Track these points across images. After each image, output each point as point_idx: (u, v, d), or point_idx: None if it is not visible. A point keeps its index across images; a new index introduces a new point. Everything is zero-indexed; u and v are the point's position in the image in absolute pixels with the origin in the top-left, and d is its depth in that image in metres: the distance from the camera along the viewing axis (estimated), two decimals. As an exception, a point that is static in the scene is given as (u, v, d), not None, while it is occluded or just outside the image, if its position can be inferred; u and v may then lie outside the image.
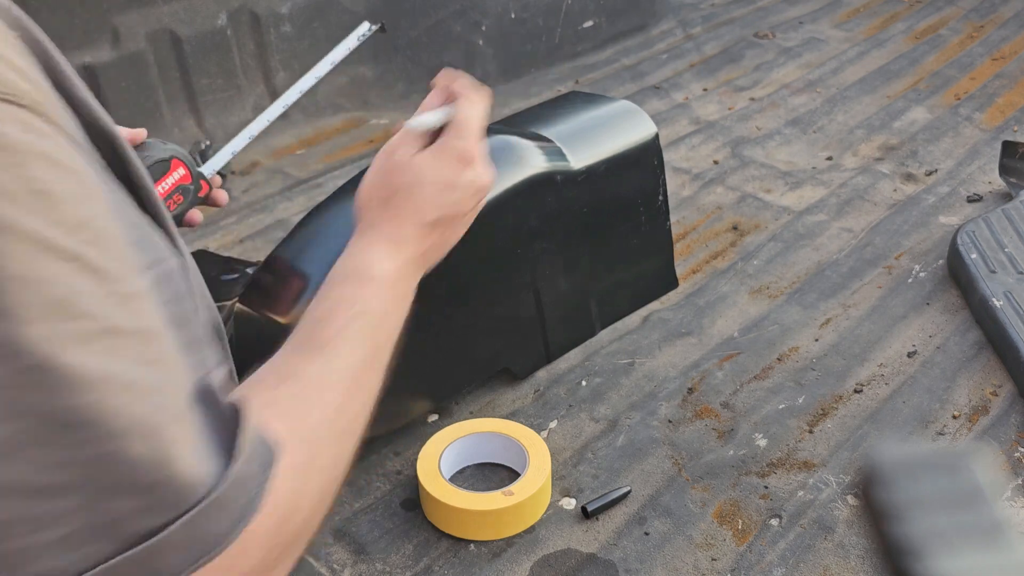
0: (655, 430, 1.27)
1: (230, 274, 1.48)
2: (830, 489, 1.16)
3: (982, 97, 2.27)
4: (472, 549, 1.10)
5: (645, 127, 1.46)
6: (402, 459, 1.24)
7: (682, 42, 2.75)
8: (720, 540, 1.10)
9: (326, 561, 1.08)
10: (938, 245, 1.65)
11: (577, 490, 1.18)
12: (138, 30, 2.02)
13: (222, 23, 2.14)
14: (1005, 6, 2.90)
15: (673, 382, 1.36)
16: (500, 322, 1.31)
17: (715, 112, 2.28)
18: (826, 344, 1.42)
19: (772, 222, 1.77)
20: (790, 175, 1.95)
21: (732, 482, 1.18)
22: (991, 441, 1.22)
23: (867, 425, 1.26)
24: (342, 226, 1.21)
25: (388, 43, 2.38)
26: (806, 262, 1.64)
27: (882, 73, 2.46)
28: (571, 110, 1.47)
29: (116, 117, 2.02)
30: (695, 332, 1.47)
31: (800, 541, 1.09)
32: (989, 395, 1.30)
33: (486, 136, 0.82)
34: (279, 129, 2.24)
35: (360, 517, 1.15)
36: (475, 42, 2.44)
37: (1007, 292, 1.42)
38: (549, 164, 1.33)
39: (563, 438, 1.27)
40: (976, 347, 1.39)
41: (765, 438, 1.25)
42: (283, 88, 2.35)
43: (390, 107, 2.37)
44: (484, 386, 1.36)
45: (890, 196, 1.84)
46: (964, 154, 1.99)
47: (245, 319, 1.19)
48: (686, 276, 1.61)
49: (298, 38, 2.26)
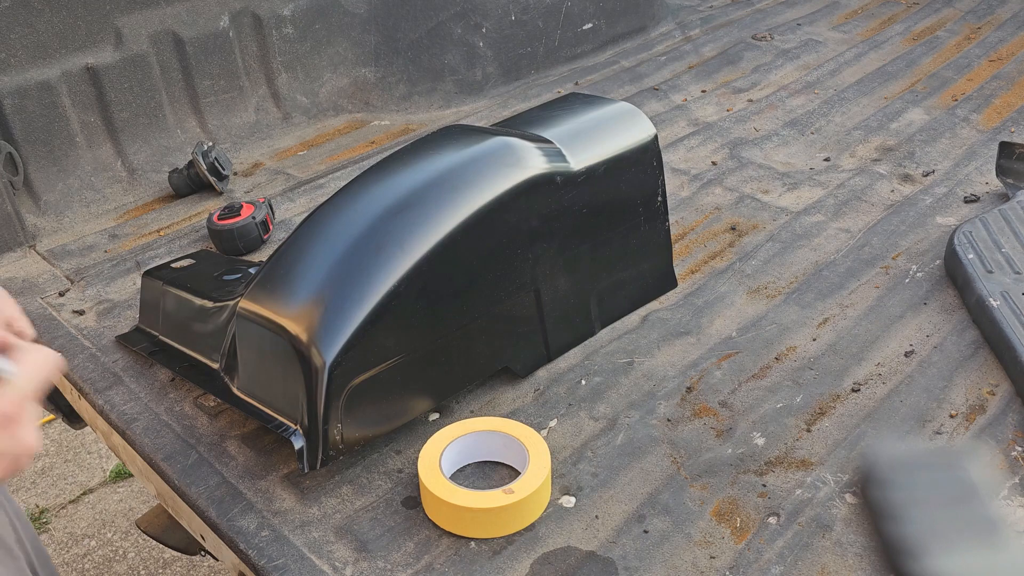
0: (654, 429, 1.28)
1: (232, 274, 1.49)
2: (828, 488, 1.17)
3: (979, 98, 2.28)
4: (473, 547, 1.11)
5: (644, 128, 1.47)
6: (403, 457, 1.25)
7: (681, 44, 2.76)
8: (718, 538, 1.11)
9: (328, 559, 1.09)
10: (935, 245, 1.66)
11: (577, 488, 1.19)
12: (141, 31, 2.03)
13: (224, 25, 2.15)
14: (1002, 8, 2.92)
15: (672, 381, 1.37)
16: (500, 322, 1.32)
17: (713, 113, 2.29)
18: (824, 344, 1.43)
19: (770, 223, 1.78)
20: (788, 176, 1.96)
21: (730, 480, 1.19)
22: (988, 440, 1.23)
23: (865, 424, 1.27)
24: (343, 227, 1.22)
25: (389, 45, 2.39)
26: (804, 262, 1.65)
27: (879, 75, 2.47)
28: (571, 112, 1.48)
29: (119, 119, 2.02)
30: (694, 332, 1.48)
31: (798, 539, 1.10)
32: (986, 394, 1.31)
33: (38, 399, 0.76)
34: (281, 131, 2.25)
35: (362, 515, 1.16)
36: (475, 44, 2.45)
37: (1004, 292, 1.43)
38: (549, 165, 1.33)
39: (563, 437, 1.28)
40: (973, 347, 1.40)
41: (763, 437, 1.26)
42: (285, 89, 2.38)
43: (391, 108, 2.39)
44: (484, 385, 1.37)
45: (887, 197, 1.85)
46: (961, 155, 2.00)
47: (247, 319, 1.20)
48: (685, 276, 1.62)
49: (300, 40, 2.27)
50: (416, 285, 1.18)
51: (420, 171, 1.27)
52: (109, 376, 1.42)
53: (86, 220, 1.94)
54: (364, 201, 1.24)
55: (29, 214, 1.90)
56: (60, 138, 1.94)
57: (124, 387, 1.39)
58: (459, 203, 1.23)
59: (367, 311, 1.14)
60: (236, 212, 1.74)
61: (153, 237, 1.85)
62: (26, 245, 1.83)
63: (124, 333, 1.52)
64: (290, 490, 1.20)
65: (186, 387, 1.39)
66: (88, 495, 2.82)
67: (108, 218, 1.95)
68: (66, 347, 1.50)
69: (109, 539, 2.67)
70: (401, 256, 1.18)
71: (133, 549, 2.63)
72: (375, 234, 1.19)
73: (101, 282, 1.69)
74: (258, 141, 2.21)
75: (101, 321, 1.57)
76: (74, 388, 1.44)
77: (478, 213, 1.24)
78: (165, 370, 1.42)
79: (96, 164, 2.01)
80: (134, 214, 1.96)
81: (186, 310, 1.40)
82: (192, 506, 1.19)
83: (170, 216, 1.93)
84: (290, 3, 2.24)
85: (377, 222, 1.20)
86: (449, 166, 1.27)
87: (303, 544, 1.11)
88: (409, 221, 1.20)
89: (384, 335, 1.17)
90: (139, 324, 1.52)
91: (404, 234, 1.19)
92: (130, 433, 1.30)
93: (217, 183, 1.96)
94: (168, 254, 1.76)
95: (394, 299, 1.16)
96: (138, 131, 2.05)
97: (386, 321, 1.16)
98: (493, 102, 2.43)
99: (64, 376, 1.45)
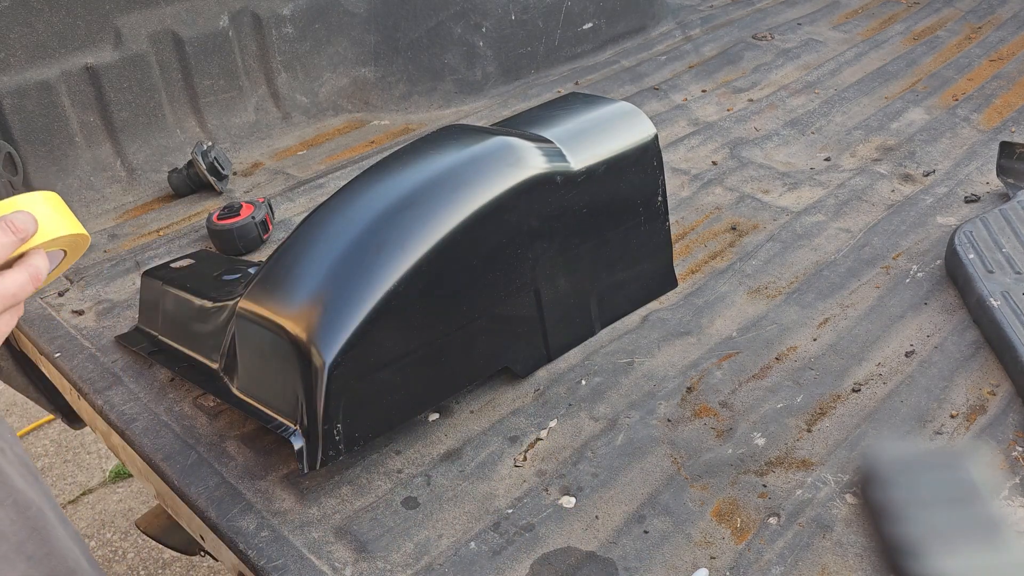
0: (654, 429, 1.28)
1: (232, 274, 1.48)
2: (828, 488, 1.16)
3: (980, 98, 2.28)
4: (473, 547, 1.11)
5: (644, 128, 1.47)
6: (403, 458, 1.25)
7: (681, 44, 2.76)
8: (719, 538, 1.10)
9: (327, 559, 1.09)
10: (936, 245, 1.66)
11: (577, 488, 1.18)
12: (140, 31, 2.03)
13: (224, 24, 2.15)
14: (1003, 7, 2.91)
15: (672, 381, 1.37)
16: (500, 322, 1.32)
17: (714, 113, 2.29)
18: (824, 344, 1.43)
19: (770, 222, 1.78)
20: (788, 176, 1.96)
21: (731, 481, 1.19)
22: (988, 440, 1.23)
23: (865, 424, 1.27)
24: (343, 226, 1.22)
25: (389, 45, 2.39)
26: (804, 262, 1.65)
27: (880, 74, 2.47)
28: (571, 111, 1.47)
29: (118, 119, 2.02)
30: (694, 332, 1.48)
31: (798, 540, 1.09)
32: (987, 394, 1.31)
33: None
34: (281, 130, 2.25)
35: (361, 515, 1.16)
36: (475, 44, 2.45)
37: (1004, 292, 1.42)
38: (549, 165, 1.33)
39: (563, 437, 1.27)
40: (974, 347, 1.40)
41: (763, 437, 1.25)
42: (285, 89, 2.38)
43: (391, 108, 2.38)
44: (484, 385, 1.37)
45: (888, 197, 1.85)
46: (962, 155, 2.00)
47: (246, 319, 1.20)
48: (685, 276, 1.62)
49: (300, 39, 2.26)
50: (416, 285, 1.18)
51: (420, 171, 1.27)
52: (108, 376, 1.42)
53: (85, 220, 1.93)
54: (364, 201, 1.24)
55: (28, 214, 1.90)
56: (59, 138, 1.94)
57: (123, 387, 1.39)
58: (459, 203, 1.23)
59: (367, 311, 1.14)
60: (236, 212, 1.74)
61: (152, 237, 1.84)
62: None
63: (123, 333, 1.52)
64: (290, 490, 1.19)
65: (186, 387, 1.38)
66: (87, 495, 2.82)
67: (107, 218, 1.94)
68: (66, 347, 1.49)
69: (108, 539, 2.66)
70: (401, 256, 1.17)
71: (132, 549, 2.63)
72: (375, 234, 1.19)
73: (100, 282, 1.69)
74: (258, 141, 2.21)
75: (100, 321, 1.57)
76: (73, 388, 1.43)
77: (478, 213, 1.24)
78: (165, 370, 1.42)
79: (95, 164, 2.00)
80: (133, 214, 1.95)
81: (186, 310, 1.40)
82: (192, 506, 1.19)
83: (169, 216, 1.92)
84: (290, 3, 2.24)
85: (377, 222, 1.20)
86: (449, 166, 1.27)
87: (303, 544, 1.11)
88: (409, 221, 1.20)
89: (384, 335, 1.16)
90: (138, 324, 1.52)
91: (404, 234, 1.19)
92: (129, 433, 1.30)
93: (217, 183, 1.96)
94: (168, 254, 1.76)
95: (394, 299, 1.16)
96: (137, 131, 2.05)
97: (386, 321, 1.16)
98: (493, 102, 2.43)
99: (64, 376, 1.45)
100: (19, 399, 3.13)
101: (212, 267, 1.54)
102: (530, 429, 1.29)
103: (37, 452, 2.99)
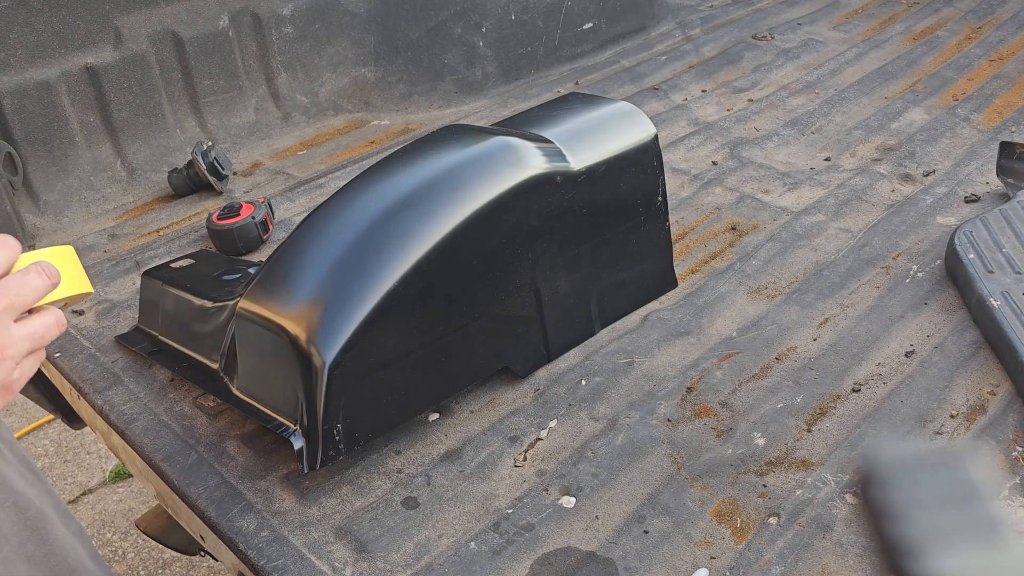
0: (654, 429, 1.28)
1: (232, 274, 1.48)
2: (828, 488, 1.16)
3: (980, 98, 2.28)
4: (473, 547, 1.11)
5: (644, 128, 1.47)
6: (403, 458, 1.25)
7: (681, 44, 2.76)
8: (719, 538, 1.10)
9: (327, 559, 1.09)
10: (936, 245, 1.66)
11: (577, 488, 1.18)
12: (140, 31, 2.03)
13: (224, 24, 2.15)
14: (1003, 7, 2.91)
15: (672, 381, 1.37)
16: (500, 322, 1.32)
17: (714, 113, 2.29)
18: (824, 344, 1.43)
19: (770, 222, 1.78)
20: (788, 176, 1.96)
21: (731, 481, 1.19)
22: (989, 440, 1.23)
23: (865, 424, 1.27)
24: (343, 226, 1.22)
25: (389, 45, 2.39)
26: (804, 262, 1.65)
27: (880, 74, 2.47)
28: (571, 111, 1.47)
29: (118, 119, 2.02)
30: (694, 332, 1.48)
31: (798, 540, 1.09)
32: (987, 394, 1.31)
33: None
34: (281, 130, 2.25)
35: (361, 515, 1.16)
36: (475, 44, 2.45)
37: (1004, 292, 1.42)
38: (549, 165, 1.33)
39: (563, 437, 1.27)
40: (974, 347, 1.40)
41: (764, 437, 1.25)
42: (285, 89, 2.37)
43: (391, 108, 2.38)
44: (484, 385, 1.37)
45: (888, 197, 1.85)
46: (962, 155, 2.00)
47: (246, 319, 1.20)
48: (685, 276, 1.62)
49: (300, 39, 2.26)
50: (416, 285, 1.18)
51: (420, 171, 1.27)
52: (108, 376, 1.42)
53: (85, 220, 1.93)
54: (364, 201, 1.24)
55: (28, 214, 1.90)
56: (59, 138, 1.94)
57: (123, 387, 1.39)
58: (459, 203, 1.23)
59: (367, 311, 1.14)
60: (236, 212, 1.74)
61: (152, 237, 1.84)
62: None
63: (123, 333, 1.52)
64: (290, 490, 1.19)
65: (186, 387, 1.38)
66: (87, 495, 2.82)
67: (107, 218, 1.94)
68: (66, 347, 1.49)
69: (108, 539, 2.66)
70: (401, 256, 1.17)
71: (132, 549, 2.63)
72: (375, 234, 1.19)
73: (100, 282, 1.69)
74: (258, 141, 2.21)
75: (100, 321, 1.57)
76: (73, 388, 1.43)
77: (478, 213, 1.24)
78: (165, 370, 1.41)
79: (95, 164, 2.00)
80: (133, 214, 1.95)
81: (186, 310, 1.40)
82: (192, 506, 1.18)
83: (169, 216, 1.92)
84: (290, 3, 2.24)
85: (377, 222, 1.20)
86: (449, 166, 1.27)
87: (303, 544, 1.11)
88: (409, 221, 1.20)
89: (384, 335, 1.16)
90: (138, 324, 1.52)
91: (404, 234, 1.19)
92: (129, 433, 1.30)
93: (217, 183, 1.96)
94: (168, 254, 1.76)
95: (394, 299, 1.16)
96: (137, 131, 2.05)
97: (386, 321, 1.16)
98: (493, 102, 2.43)
99: (64, 376, 1.45)
100: (19, 399, 3.13)
101: (212, 267, 1.54)
102: (530, 429, 1.29)
103: (37, 452, 2.99)
